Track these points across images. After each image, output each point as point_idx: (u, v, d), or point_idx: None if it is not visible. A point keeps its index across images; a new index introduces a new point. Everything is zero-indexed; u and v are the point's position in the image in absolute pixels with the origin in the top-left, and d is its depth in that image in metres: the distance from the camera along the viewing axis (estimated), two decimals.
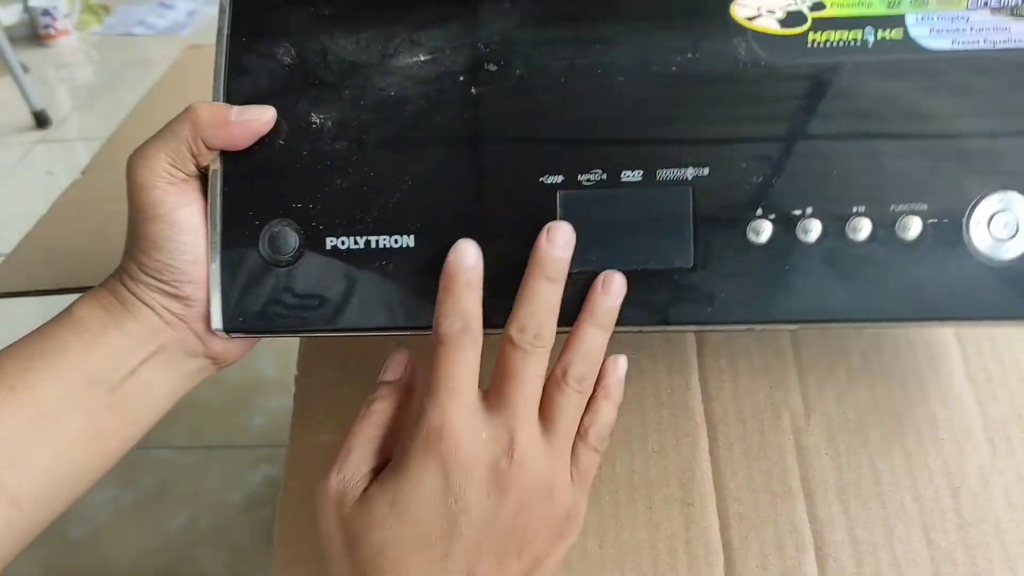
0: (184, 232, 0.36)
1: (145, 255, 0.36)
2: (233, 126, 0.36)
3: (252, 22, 0.39)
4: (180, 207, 0.36)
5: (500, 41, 0.38)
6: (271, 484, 1.06)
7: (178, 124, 0.36)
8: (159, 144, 0.36)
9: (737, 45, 0.37)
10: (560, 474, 0.34)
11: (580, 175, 0.36)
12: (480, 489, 0.32)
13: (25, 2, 2.33)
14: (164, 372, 0.38)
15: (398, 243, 0.37)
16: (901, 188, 0.35)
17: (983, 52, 0.36)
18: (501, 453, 0.32)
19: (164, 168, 0.36)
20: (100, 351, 0.36)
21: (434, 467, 0.32)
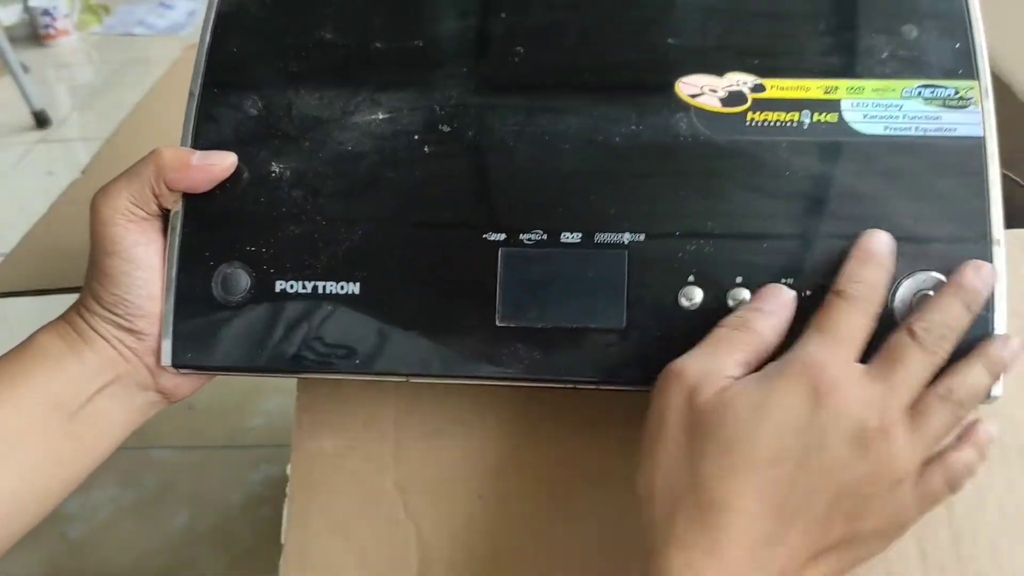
0: (141, 269, 0.38)
1: (102, 288, 0.38)
2: (194, 170, 0.38)
3: (225, 74, 0.41)
4: (139, 245, 0.38)
5: (455, 104, 0.40)
6: (271, 484, 1.06)
7: (142, 165, 0.38)
8: (123, 183, 0.38)
9: (679, 120, 0.39)
10: (912, 475, 0.33)
11: (522, 234, 0.38)
12: (841, 438, 0.31)
13: (25, 2, 2.33)
14: (119, 402, 0.39)
15: (344, 290, 0.39)
16: (828, 263, 0.36)
17: (914, 138, 0.37)
18: (871, 419, 0.32)
19: (126, 206, 0.38)
20: (60, 378, 0.37)
21: (806, 396, 0.31)
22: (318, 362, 0.38)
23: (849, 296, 0.34)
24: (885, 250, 0.35)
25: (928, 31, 0.39)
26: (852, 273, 0.35)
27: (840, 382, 0.32)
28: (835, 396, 0.31)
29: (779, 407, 0.31)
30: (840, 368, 0.32)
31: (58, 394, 0.37)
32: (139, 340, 0.39)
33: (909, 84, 0.38)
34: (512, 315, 0.37)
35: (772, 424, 0.31)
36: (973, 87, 0.38)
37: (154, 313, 0.39)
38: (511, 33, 0.41)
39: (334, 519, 0.43)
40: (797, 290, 0.36)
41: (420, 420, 0.43)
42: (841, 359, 0.33)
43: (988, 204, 0.36)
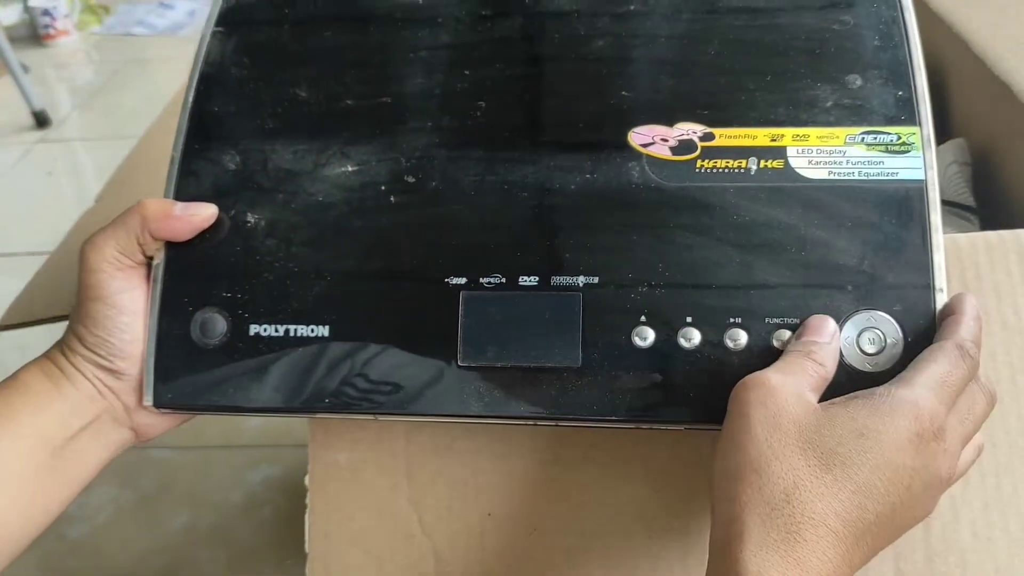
0: (124, 314, 0.40)
1: (86, 330, 0.40)
2: (175, 220, 0.41)
3: (206, 131, 0.44)
4: (123, 291, 0.40)
5: (420, 156, 0.42)
6: (271, 484, 1.06)
7: (128, 216, 0.40)
8: (110, 233, 0.40)
9: (632, 168, 0.40)
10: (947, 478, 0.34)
11: (482, 278, 0.40)
12: (924, 484, 0.33)
13: (25, 2, 2.33)
14: (97, 440, 0.41)
15: (314, 332, 0.40)
16: (775, 303, 0.38)
17: (857, 182, 0.39)
18: (950, 469, 0.34)
19: (112, 255, 0.40)
20: (46, 415, 0.39)
21: (913, 438, 0.32)
22: (289, 401, 0.40)
23: (968, 355, 0.35)
24: (977, 308, 0.37)
25: (871, 80, 0.40)
26: (970, 330, 0.36)
27: (941, 434, 0.33)
28: (934, 445, 0.33)
29: (887, 443, 0.32)
30: (942, 419, 0.33)
31: (44, 429, 0.39)
32: (118, 379, 0.41)
33: (852, 131, 0.40)
34: (473, 355, 0.39)
35: (875, 457, 0.32)
36: (915, 133, 0.39)
37: (134, 354, 0.41)
38: (473, 89, 0.43)
39: (353, 531, 0.43)
40: (745, 330, 0.37)
41: (430, 436, 0.43)
42: (946, 409, 0.34)
43: (929, 243, 0.37)
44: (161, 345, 0.41)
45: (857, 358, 0.37)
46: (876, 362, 0.36)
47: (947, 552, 0.39)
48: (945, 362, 0.34)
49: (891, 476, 0.32)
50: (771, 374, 0.34)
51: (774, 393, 0.34)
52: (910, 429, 0.32)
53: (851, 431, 0.32)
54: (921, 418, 0.33)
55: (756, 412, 0.33)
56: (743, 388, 0.34)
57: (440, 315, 0.39)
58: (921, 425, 0.33)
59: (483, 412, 0.39)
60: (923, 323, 0.37)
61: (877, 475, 0.32)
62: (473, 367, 0.39)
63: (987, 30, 0.57)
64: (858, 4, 0.42)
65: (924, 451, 0.33)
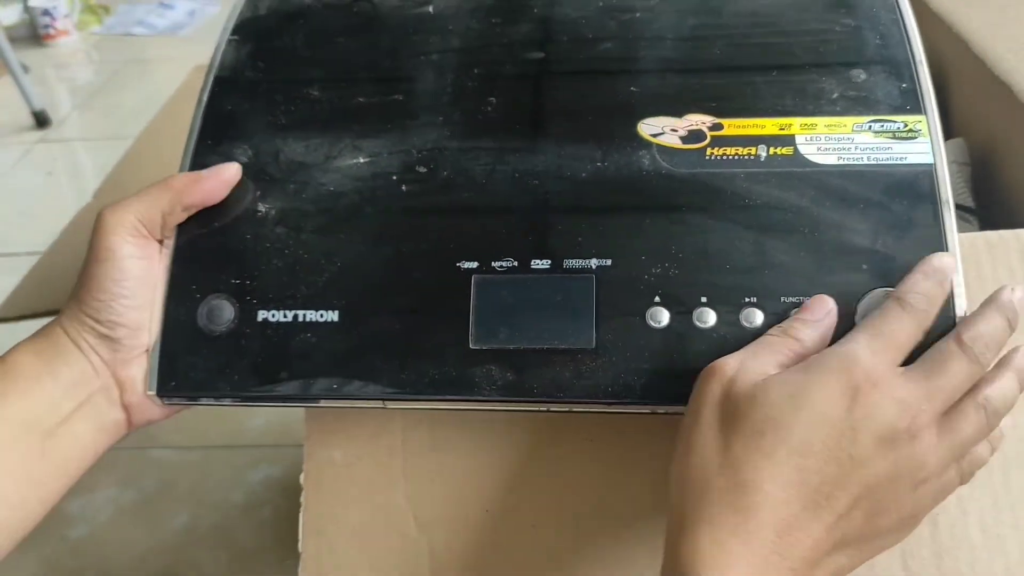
0: (129, 278, 0.39)
1: (88, 293, 0.39)
2: (206, 180, 0.41)
3: (219, 126, 0.45)
4: (133, 257, 0.40)
5: (431, 148, 0.43)
6: (271, 484, 1.06)
7: (155, 188, 0.40)
8: (133, 200, 0.40)
9: (642, 157, 0.41)
10: (935, 476, 0.34)
11: (494, 262, 0.40)
12: (872, 436, 0.32)
13: (25, 2, 2.33)
14: (89, 422, 0.40)
15: (323, 317, 0.40)
16: (790, 282, 0.38)
17: (867, 166, 0.39)
18: (902, 421, 0.32)
19: (132, 221, 0.40)
20: (35, 398, 0.38)
21: (846, 389, 0.32)
22: (298, 391, 0.40)
23: (908, 304, 0.35)
24: (949, 271, 0.36)
25: (875, 74, 0.41)
26: (915, 284, 0.36)
27: (880, 382, 0.32)
28: (873, 395, 0.32)
29: (817, 398, 0.32)
30: (882, 369, 0.33)
31: (33, 414, 0.38)
32: (114, 351, 0.40)
33: (859, 120, 0.40)
34: (485, 338, 0.39)
35: (807, 414, 0.32)
36: (921, 120, 0.40)
37: (134, 323, 0.40)
38: (483, 85, 0.44)
39: (348, 528, 0.43)
40: (761, 309, 0.37)
41: (426, 432, 0.43)
42: (885, 361, 0.33)
43: (943, 221, 0.38)
44: (167, 332, 0.41)
45: None
46: None
47: (956, 549, 0.39)
48: (882, 314, 0.35)
49: (828, 431, 0.31)
50: (731, 357, 0.35)
51: (723, 375, 0.34)
52: (840, 381, 0.32)
53: (783, 394, 0.32)
54: (852, 370, 0.32)
55: (704, 395, 0.34)
56: (703, 372, 0.35)
57: (451, 299, 0.39)
58: (852, 376, 0.32)
59: (496, 396, 0.38)
60: None
61: (812, 432, 0.31)
62: (485, 350, 0.38)
63: (987, 30, 0.57)
64: (858, 7, 0.43)
65: (863, 402, 0.32)
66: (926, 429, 0.33)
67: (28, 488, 0.38)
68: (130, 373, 0.40)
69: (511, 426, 0.43)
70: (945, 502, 0.38)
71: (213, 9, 2.47)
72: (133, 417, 0.41)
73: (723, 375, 0.34)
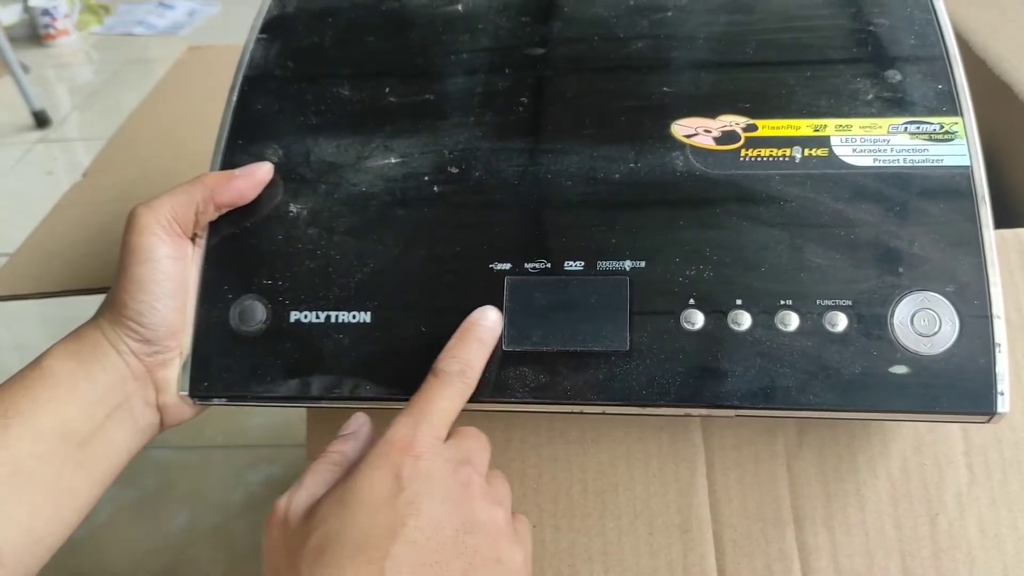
0: (170, 280, 0.39)
1: (129, 296, 0.39)
2: (239, 179, 0.41)
3: (249, 128, 0.45)
4: (171, 258, 0.39)
5: (463, 149, 0.42)
6: (271, 484, 1.06)
7: (188, 185, 0.40)
8: (167, 197, 0.40)
9: (675, 158, 0.40)
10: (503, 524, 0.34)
11: (527, 263, 0.39)
12: (434, 497, 0.32)
13: (25, 2, 2.33)
14: (124, 428, 0.39)
15: (356, 319, 0.40)
16: (827, 285, 0.37)
17: (903, 168, 0.39)
18: (460, 477, 0.33)
19: (166, 219, 0.39)
20: (72, 406, 0.38)
21: (390, 471, 0.32)
22: (329, 391, 0.39)
23: (442, 372, 0.36)
24: (488, 324, 0.37)
25: (911, 75, 0.41)
26: (449, 351, 0.37)
27: (421, 449, 0.33)
28: (420, 462, 0.32)
29: (365, 490, 0.32)
30: (422, 439, 0.33)
31: (69, 423, 0.37)
32: (154, 354, 0.40)
33: (895, 121, 0.40)
34: (518, 340, 0.38)
35: (357, 509, 0.31)
36: (957, 122, 0.39)
37: (174, 324, 0.40)
38: (516, 87, 0.43)
39: None
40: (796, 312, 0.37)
41: None
42: (426, 433, 0.33)
43: (980, 224, 0.37)
44: (199, 333, 0.41)
45: (912, 339, 0.36)
46: (931, 343, 0.36)
47: (954, 549, 0.39)
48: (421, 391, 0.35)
49: (384, 517, 0.31)
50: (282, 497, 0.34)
51: (276, 517, 0.33)
52: (383, 467, 0.32)
53: (332, 503, 0.32)
54: (391, 452, 0.32)
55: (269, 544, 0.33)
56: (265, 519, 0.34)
57: (484, 301, 0.39)
58: (392, 457, 0.32)
59: (529, 398, 0.38)
60: (977, 303, 0.36)
61: (367, 524, 0.31)
62: (518, 352, 0.38)
63: (987, 30, 0.57)
64: (892, 6, 0.43)
65: (411, 474, 0.32)
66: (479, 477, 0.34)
67: (63, 499, 0.37)
68: (166, 374, 0.40)
69: (511, 427, 0.43)
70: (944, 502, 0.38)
71: (213, 9, 2.47)
72: (166, 418, 0.41)
73: (276, 517, 0.33)
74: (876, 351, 0.36)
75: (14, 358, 1.14)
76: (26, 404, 0.37)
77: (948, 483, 0.41)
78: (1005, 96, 0.52)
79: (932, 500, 0.41)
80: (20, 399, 0.37)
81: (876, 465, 0.41)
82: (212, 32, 2.35)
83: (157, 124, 0.42)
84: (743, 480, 0.42)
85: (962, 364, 0.36)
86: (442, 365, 0.36)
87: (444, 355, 0.36)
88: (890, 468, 0.41)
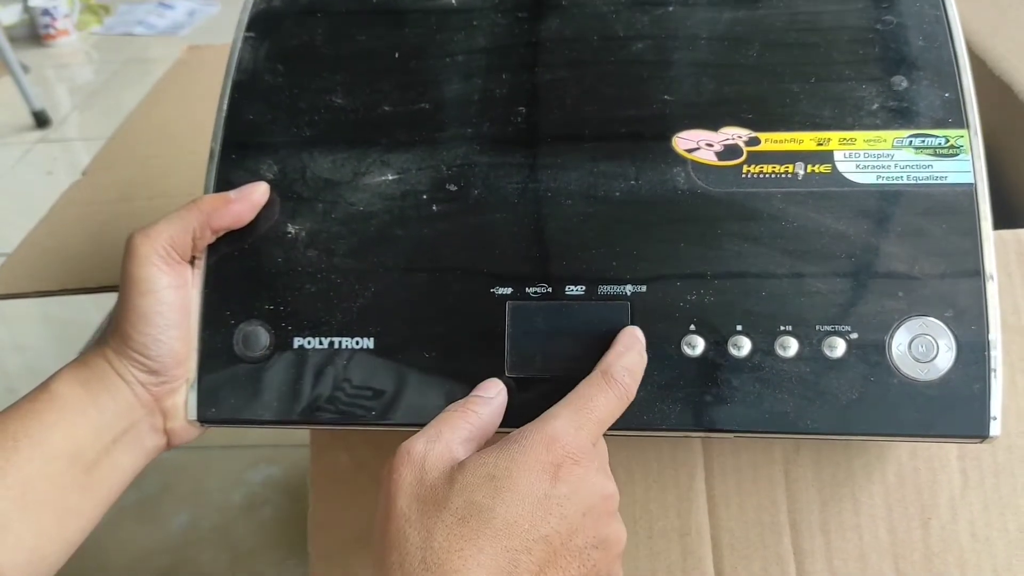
0: (172, 310, 0.39)
1: (133, 328, 0.38)
2: (235, 203, 0.40)
3: (242, 139, 0.43)
4: (172, 287, 0.39)
5: (461, 164, 0.41)
6: (271, 484, 1.06)
7: (184, 210, 0.40)
8: (163, 225, 0.39)
9: (677, 174, 0.40)
10: (621, 545, 0.34)
11: (528, 287, 0.39)
12: (579, 506, 0.32)
13: (25, 2, 2.33)
14: (131, 451, 0.40)
15: (359, 344, 0.40)
16: (826, 310, 0.37)
17: (906, 186, 0.38)
18: (602, 491, 0.33)
19: (164, 247, 0.39)
20: (79, 429, 0.38)
21: (550, 466, 0.32)
22: (335, 415, 0.39)
23: (612, 379, 0.35)
24: (644, 341, 0.37)
25: (917, 82, 0.40)
26: (619, 357, 0.36)
27: (582, 458, 0.33)
28: (575, 470, 0.32)
29: (518, 478, 0.31)
30: (584, 445, 0.33)
31: (77, 447, 0.38)
32: (160, 384, 0.40)
33: (900, 134, 0.39)
34: (520, 366, 0.38)
35: (510, 494, 0.31)
36: (963, 135, 0.39)
37: (180, 355, 0.40)
38: (513, 95, 0.42)
39: (356, 531, 0.43)
40: (796, 337, 0.37)
41: None
42: (586, 436, 0.33)
43: (981, 247, 0.37)
44: (204, 358, 0.40)
45: (911, 365, 0.36)
46: (928, 369, 0.36)
47: (946, 552, 0.39)
48: (586, 388, 0.35)
49: (533, 509, 0.31)
50: (416, 440, 0.33)
51: (413, 461, 0.32)
52: (542, 459, 0.32)
53: (482, 476, 0.31)
54: (552, 447, 0.32)
55: (397, 484, 0.32)
56: (392, 460, 0.33)
57: (486, 326, 0.39)
58: (553, 453, 0.32)
59: None
60: (975, 328, 0.36)
61: (516, 513, 0.31)
62: (521, 378, 0.38)
63: (987, 30, 0.57)
64: (901, 2, 0.42)
65: (567, 476, 0.32)
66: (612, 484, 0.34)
67: (68, 520, 0.38)
68: (174, 402, 0.40)
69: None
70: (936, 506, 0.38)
71: (213, 9, 2.47)
72: (173, 440, 0.42)
73: (413, 461, 0.32)
74: (874, 377, 0.36)
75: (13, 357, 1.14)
76: (35, 427, 0.37)
77: (941, 487, 0.41)
78: (1005, 96, 0.52)
79: (925, 504, 0.41)
80: (30, 422, 0.37)
81: (872, 471, 0.42)
82: (212, 32, 2.35)
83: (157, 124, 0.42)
84: (741, 485, 0.42)
85: (958, 390, 0.36)
86: (615, 371, 0.35)
87: (617, 360, 0.36)
88: (885, 473, 0.41)
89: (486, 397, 0.37)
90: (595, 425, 0.34)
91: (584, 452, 0.33)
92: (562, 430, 0.33)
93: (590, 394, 0.35)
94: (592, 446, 0.34)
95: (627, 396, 0.36)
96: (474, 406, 0.36)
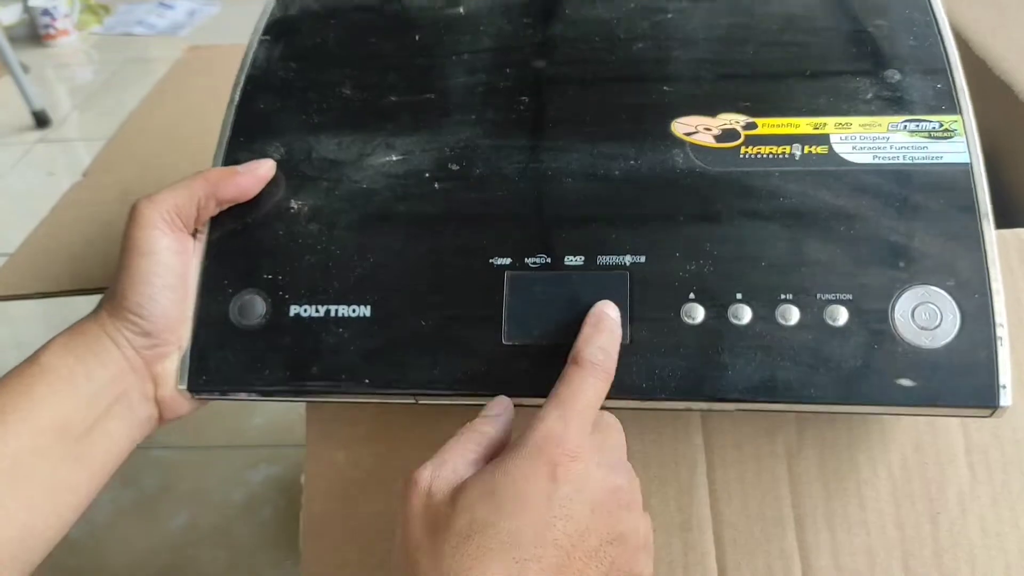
0: (170, 273, 0.39)
1: (130, 288, 0.39)
2: (241, 176, 0.41)
3: (251, 125, 0.45)
4: (172, 251, 0.39)
5: (464, 146, 0.43)
6: (271, 484, 1.06)
7: (191, 180, 0.40)
8: (169, 192, 0.40)
9: (676, 155, 0.41)
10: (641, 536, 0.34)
11: (527, 258, 0.39)
12: (586, 504, 0.31)
13: (25, 2, 2.33)
14: (123, 420, 0.39)
15: (355, 312, 0.40)
16: (827, 280, 0.37)
17: (903, 165, 0.39)
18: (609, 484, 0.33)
19: (168, 212, 0.39)
20: (69, 401, 0.37)
21: (545, 469, 0.32)
22: (329, 385, 0.39)
23: (586, 363, 0.35)
24: (615, 317, 0.37)
25: (910, 75, 0.41)
26: (591, 339, 0.36)
27: (577, 448, 0.32)
28: (575, 463, 0.32)
29: (518, 485, 0.31)
30: (577, 434, 0.33)
31: (67, 418, 0.37)
32: (152, 347, 0.39)
33: (894, 119, 0.40)
34: (518, 334, 0.38)
35: (511, 505, 0.31)
36: (956, 120, 0.40)
37: (175, 319, 0.40)
38: (516, 85, 0.44)
39: (349, 529, 0.43)
40: (797, 306, 0.37)
41: (428, 431, 0.43)
42: (578, 428, 0.33)
43: (980, 221, 0.37)
44: (198, 327, 0.41)
45: (914, 333, 0.36)
46: (933, 336, 0.36)
47: (955, 548, 0.39)
48: (564, 382, 0.35)
49: (537, 515, 0.31)
50: (423, 468, 0.33)
51: (419, 488, 0.32)
52: (538, 463, 0.32)
53: (482, 492, 0.31)
54: (546, 447, 0.32)
55: (407, 512, 0.32)
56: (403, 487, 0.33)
57: (484, 295, 0.39)
58: (548, 454, 0.32)
59: (527, 392, 0.38)
60: (978, 297, 0.36)
61: (520, 521, 0.30)
62: (517, 346, 0.38)
63: (987, 30, 0.57)
64: (891, 8, 0.44)
65: (567, 475, 0.31)
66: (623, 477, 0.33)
67: (61, 495, 0.37)
68: (165, 368, 0.40)
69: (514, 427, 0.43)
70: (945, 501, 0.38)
71: (213, 9, 2.47)
72: (164, 412, 0.41)
73: (419, 489, 0.32)
74: (877, 345, 0.36)
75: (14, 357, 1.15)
76: (23, 401, 0.37)
77: (949, 482, 0.41)
78: (1005, 96, 0.52)
79: (933, 499, 0.40)
80: (17, 396, 0.37)
81: (877, 464, 0.41)
82: (212, 32, 2.35)
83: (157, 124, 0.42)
84: (744, 479, 0.42)
85: (963, 358, 0.36)
86: (586, 355, 0.35)
87: (585, 345, 0.36)
88: (891, 467, 0.41)
89: (491, 416, 0.36)
90: (582, 414, 0.34)
91: (580, 447, 0.32)
92: (551, 429, 0.33)
93: (570, 386, 0.34)
94: (588, 436, 0.33)
95: (606, 375, 0.35)
96: (479, 426, 0.35)
